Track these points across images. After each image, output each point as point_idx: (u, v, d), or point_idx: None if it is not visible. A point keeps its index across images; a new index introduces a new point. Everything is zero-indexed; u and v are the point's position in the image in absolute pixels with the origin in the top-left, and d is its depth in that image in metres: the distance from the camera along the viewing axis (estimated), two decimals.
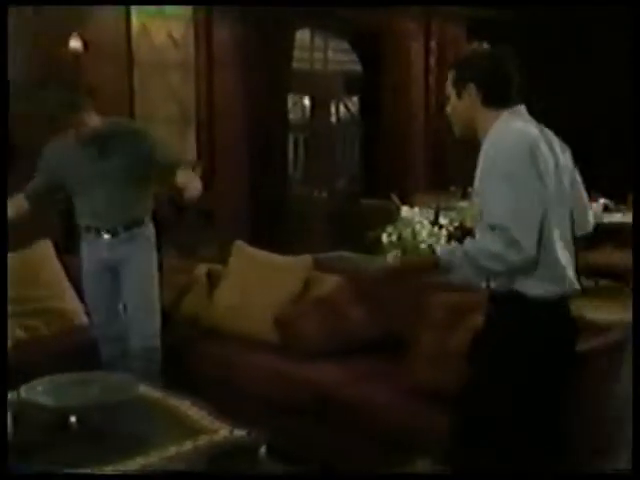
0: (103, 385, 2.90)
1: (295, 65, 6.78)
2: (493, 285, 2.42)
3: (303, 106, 7.55)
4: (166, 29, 6.34)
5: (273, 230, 6.56)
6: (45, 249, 4.05)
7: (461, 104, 2.43)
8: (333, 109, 7.58)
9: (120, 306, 3.67)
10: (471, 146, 2.51)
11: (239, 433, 2.72)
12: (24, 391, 2.77)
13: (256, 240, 6.63)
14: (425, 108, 7.31)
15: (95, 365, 3.59)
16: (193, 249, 5.42)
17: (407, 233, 4.03)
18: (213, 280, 4.18)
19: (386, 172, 7.06)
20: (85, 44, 5.87)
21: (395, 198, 4.16)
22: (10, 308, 3.75)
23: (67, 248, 4.18)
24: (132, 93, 6.14)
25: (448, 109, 2.48)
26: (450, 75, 2.45)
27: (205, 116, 6.42)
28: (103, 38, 5.98)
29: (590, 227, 2.58)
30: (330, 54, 7.27)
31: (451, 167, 7.16)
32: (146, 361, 3.58)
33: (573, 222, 2.45)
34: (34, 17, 5.66)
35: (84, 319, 3.90)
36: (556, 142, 2.42)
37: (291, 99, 7.13)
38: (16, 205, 3.59)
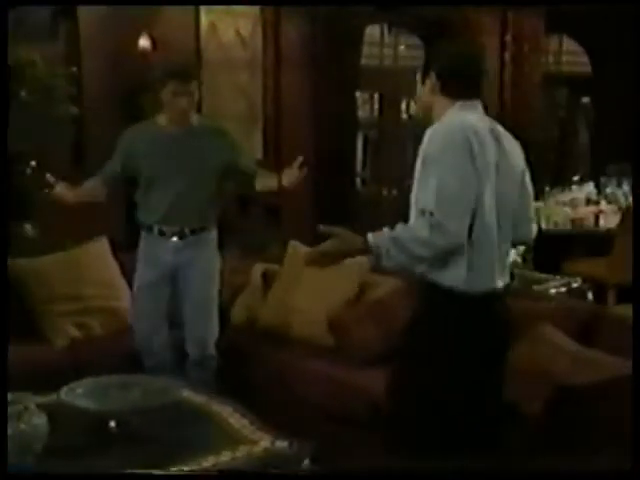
0: (145, 389, 2.85)
1: (364, 62, 6.62)
2: (420, 274, 2.39)
3: (372, 103, 7.40)
4: (234, 27, 6.29)
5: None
6: (101, 246, 4.02)
7: (424, 90, 2.50)
8: (403, 106, 7.39)
9: (162, 319, 3.56)
10: (551, 146, 2.37)
11: (281, 444, 2.62)
12: (64, 393, 2.73)
13: (321, 240, 6.56)
14: (500, 106, 7.04)
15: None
16: (257, 249, 5.35)
17: None
18: (269, 281, 4.09)
19: None
20: (154, 43, 5.86)
21: None
22: (65, 306, 3.77)
23: (124, 245, 4.14)
24: (200, 91, 6.09)
25: (417, 92, 2.57)
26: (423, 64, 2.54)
27: (272, 114, 6.34)
28: (172, 36, 5.95)
29: (530, 235, 2.61)
30: (401, 50, 7.07)
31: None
32: (202, 368, 3.51)
33: (515, 225, 2.46)
34: (104, 17, 5.70)
35: None
36: (508, 141, 2.44)
37: (360, 96, 6.98)
38: (93, 188, 3.46)
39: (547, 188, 6.38)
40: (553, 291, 3.84)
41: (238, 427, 2.71)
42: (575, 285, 4.07)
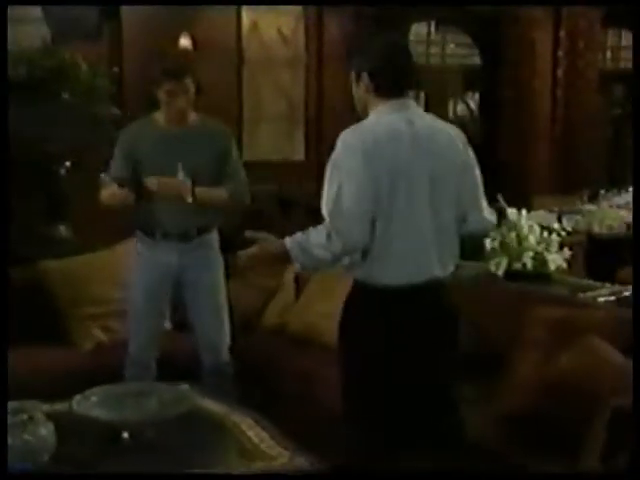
0: (160, 398, 2.72)
1: None
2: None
3: (417, 103, 7.20)
4: (276, 25, 6.20)
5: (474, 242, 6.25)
6: (129, 249, 3.91)
7: (358, 90, 2.50)
8: (450, 106, 7.18)
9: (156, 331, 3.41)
10: (605, 146, 2.19)
11: (299, 460, 2.46)
12: (77, 401, 2.62)
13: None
14: (552, 104, 6.78)
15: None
16: None
17: (511, 238, 3.66)
18: (301, 285, 3.94)
19: (506, 173, 6.60)
20: (194, 42, 5.81)
21: (501, 199, 3.75)
22: (91, 309, 3.69)
23: None
24: (240, 91, 6.03)
25: (353, 90, 2.54)
26: (350, 62, 2.53)
27: (314, 114, 6.22)
28: (213, 36, 5.89)
29: (482, 225, 2.60)
30: (448, 48, 6.87)
31: (579, 168, 6.60)
32: (217, 375, 3.38)
33: (465, 217, 2.48)
34: (146, 17, 5.66)
35: (166, 325, 3.74)
36: (438, 136, 2.44)
37: None
38: (118, 192, 3.22)
39: (602, 191, 6.10)
40: (601, 300, 3.60)
41: (256, 441, 2.57)
42: (626, 294, 3.82)
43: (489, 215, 2.61)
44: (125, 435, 2.55)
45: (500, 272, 3.61)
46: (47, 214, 4.50)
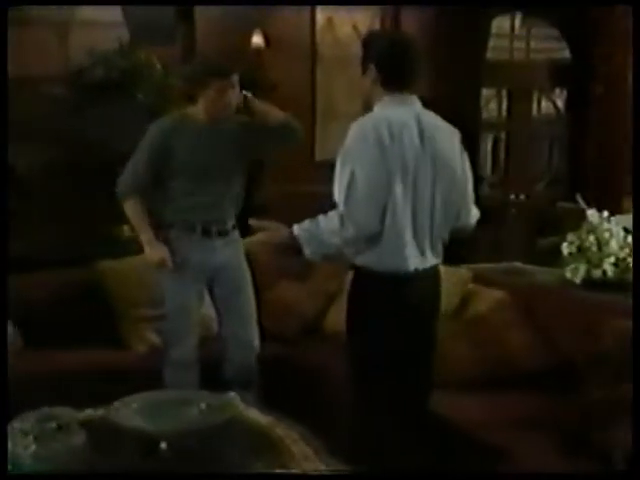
0: (202, 406, 2.59)
1: (490, 55, 6.15)
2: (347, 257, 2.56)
3: (500, 101, 6.89)
4: (352, 21, 6.02)
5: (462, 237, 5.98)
6: None
7: (364, 81, 2.59)
8: (535, 103, 6.84)
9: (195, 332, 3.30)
10: None
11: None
12: (114, 409, 2.50)
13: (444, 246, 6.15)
14: None
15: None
16: None
17: (590, 242, 3.37)
18: None
19: (594, 173, 6.22)
20: (267, 40, 5.70)
21: (580, 199, 3.47)
22: (146, 310, 3.60)
23: None
24: (314, 89, 5.88)
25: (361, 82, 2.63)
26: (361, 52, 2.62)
27: None
28: (286, 33, 5.76)
29: (467, 220, 2.73)
30: (533, 41, 6.53)
31: None
32: (246, 378, 3.29)
33: (458, 211, 2.64)
34: (219, 16, 5.60)
35: (213, 328, 3.61)
36: (439, 132, 2.56)
37: (485, 93, 6.52)
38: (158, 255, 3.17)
39: None
40: None
41: (299, 457, 2.40)
42: None
43: (476, 211, 2.79)
44: (163, 445, 2.43)
45: (577, 280, 3.34)
46: (111, 215, 4.45)
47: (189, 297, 3.24)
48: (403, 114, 2.50)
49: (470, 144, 6.18)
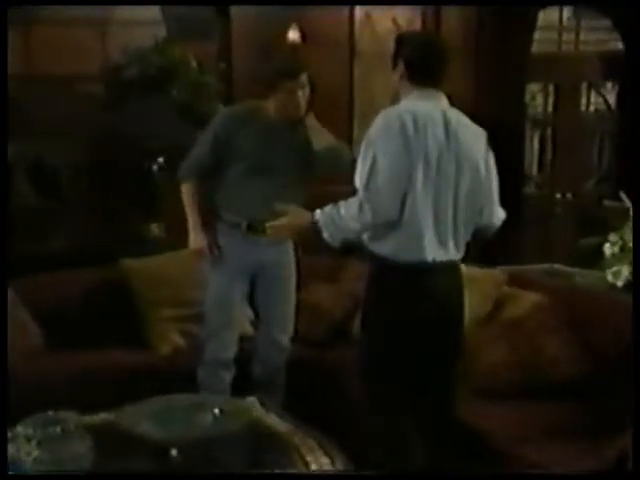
0: (217, 412, 2.49)
1: (536, 49, 5.91)
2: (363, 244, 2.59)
3: (546, 96, 6.64)
4: (391, 15, 5.86)
5: (505, 237, 5.79)
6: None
7: (394, 76, 2.67)
8: (584, 98, 6.57)
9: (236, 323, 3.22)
10: None
11: None
12: (125, 414, 2.42)
13: (483, 247, 5.97)
14: None
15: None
16: None
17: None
18: None
19: None
20: (303, 35, 5.58)
21: (624, 196, 3.28)
22: (170, 311, 3.53)
23: None
24: (352, 85, 5.73)
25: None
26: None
27: None
28: (323, 28, 5.63)
29: (491, 218, 2.71)
30: (583, 33, 6.26)
31: None
32: (273, 380, 3.21)
33: (481, 209, 2.64)
34: (255, 12, 5.52)
35: (249, 328, 3.52)
36: (463, 129, 2.60)
37: (530, 88, 6.29)
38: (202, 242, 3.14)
39: None
40: None
41: (314, 466, 2.28)
42: None
43: (501, 212, 2.75)
44: (173, 452, 2.33)
45: (620, 283, 3.14)
46: (140, 213, 4.40)
47: (230, 292, 3.17)
48: (429, 108, 2.55)
49: (514, 141, 6.04)
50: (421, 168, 2.47)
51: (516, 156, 6.12)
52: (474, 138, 2.65)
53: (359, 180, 2.48)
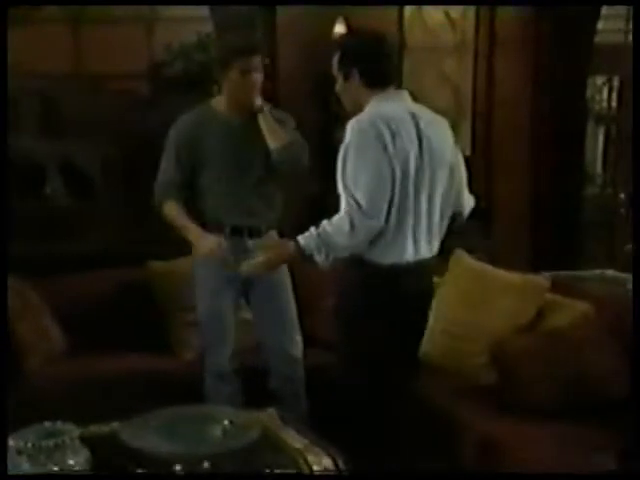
0: (227, 426, 2.34)
1: (599, 39, 5.59)
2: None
3: (610, 90, 6.31)
4: (443, 7, 5.63)
5: (560, 240, 5.52)
6: None
7: (348, 86, 2.62)
8: None
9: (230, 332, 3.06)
10: None
11: None
12: (127, 426, 2.28)
13: (537, 250, 5.69)
14: None
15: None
16: None
17: None
18: None
19: None
20: (350, 29, 5.40)
21: None
22: (193, 316, 3.37)
23: None
24: (401, 80, 5.52)
25: (337, 88, 2.67)
26: (335, 59, 2.63)
27: (483, 105, 5.53)
28: (371, 21, 5.43)
29: (461, 206, 2.72)
30: None
31: None
32: (290, 390, 3.04)
33: (453, 200, 2.65)
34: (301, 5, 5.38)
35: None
36: (432, 125, 2.60)
37: (594, 82, 5.98)
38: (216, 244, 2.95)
39: None
40: None
41: None
42: None
43: (470, 198, 2.77)
44: (178, 468, 2.20)
45: None
46: None
47: (220, 301, 3.02)
48: (397, 110, 2.54)
49: (575, 138, 5.75)
50: (399, 172, 2.45)
51: (577, 154, 5.82)
52: (442, 132, 2.64)
53: (343, 193, 2.45)
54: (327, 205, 3.01)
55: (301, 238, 2.49)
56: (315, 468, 2.21)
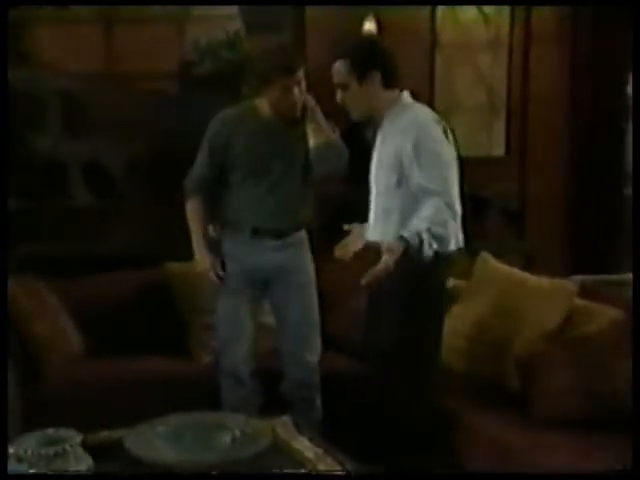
0: (238, 434, 2.27)
1: None
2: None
3: None
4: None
5: (599, 243, 5.37)
6: None
7: (363, 90, 2.61)
8: None
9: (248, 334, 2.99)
10: None
11: None
12: (133, 434, 2.22)
13: (574, 253, 5.53)
14: None
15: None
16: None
17: None
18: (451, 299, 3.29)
19: None
20: (379, 26, 5.30)
21: None
22: (211, 319, 3.32)
23: None
24: (432, 78, 5.42)
25: (339, 97, 2.66)
26: (344, 64, 2.61)
27: (518, 102, 5.42)
28: (402, 17, 5.34)
29: None
30: None
31: None
32: (305, 396, 2.98)
33: None
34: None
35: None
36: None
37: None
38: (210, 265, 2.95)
39: None
40: None
41: None
42: None
43: None
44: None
45: None
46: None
47: (238, 302, 2.97)
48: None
49: (615, 136, 5.58)
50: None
51: (616, 152, 5.66)
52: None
53: (433, 185, 2.49)
54: (357, 205, 3.00)
55: (409, 236, 2.43)
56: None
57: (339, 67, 2.63)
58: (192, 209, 3.01)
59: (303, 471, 2.15)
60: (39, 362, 3.09)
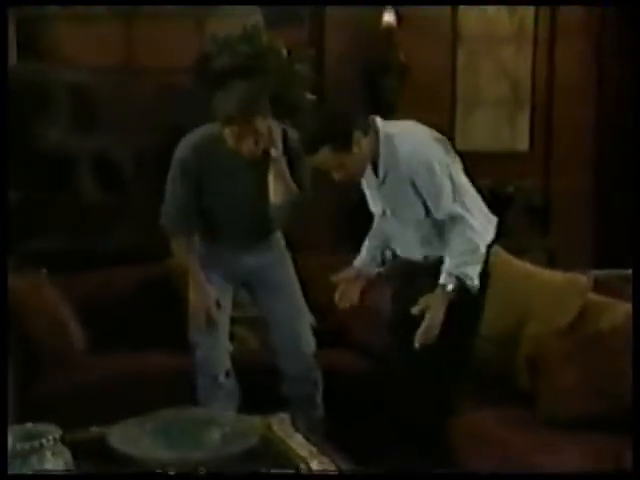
0: (228, 431, 2.19)
1: None
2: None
3: None
4: None
5: (625, 240, 5.18)
6: None
7: (355, 155, 2.49)
8: None
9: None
10: None
11: None
12: (119, 428, 2.16)
13: (601, 251, 5.37)
14: None
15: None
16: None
17: None
18: None
19: None
20: (399, 18, 5.20)
21: None
22: None
23: None
24: (454, 71, 5.30)
25: (338, 178, 2.52)
26: (325, 151, 2.45)
27: (542, 96, 5.28)
28: (422, 9, 5.23)
29: None
30: None
31: None
32: (304, 392, 2.92)
33: None
34: None
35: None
36: None
37: None
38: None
39: None
40: None
41: None
42: None
43: None
44: (171, 473, 2.06)
45: None
46: None
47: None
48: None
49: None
50: None
51: None
52: None
53: (449, 201, 2.49)
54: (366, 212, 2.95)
55: (445, 280, 2.43)
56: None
57: (321, 157, 2.47)
58: (181, 247, 2.91)
59: (291, 471, 2.06)
60: (40, 357, 3.04)
